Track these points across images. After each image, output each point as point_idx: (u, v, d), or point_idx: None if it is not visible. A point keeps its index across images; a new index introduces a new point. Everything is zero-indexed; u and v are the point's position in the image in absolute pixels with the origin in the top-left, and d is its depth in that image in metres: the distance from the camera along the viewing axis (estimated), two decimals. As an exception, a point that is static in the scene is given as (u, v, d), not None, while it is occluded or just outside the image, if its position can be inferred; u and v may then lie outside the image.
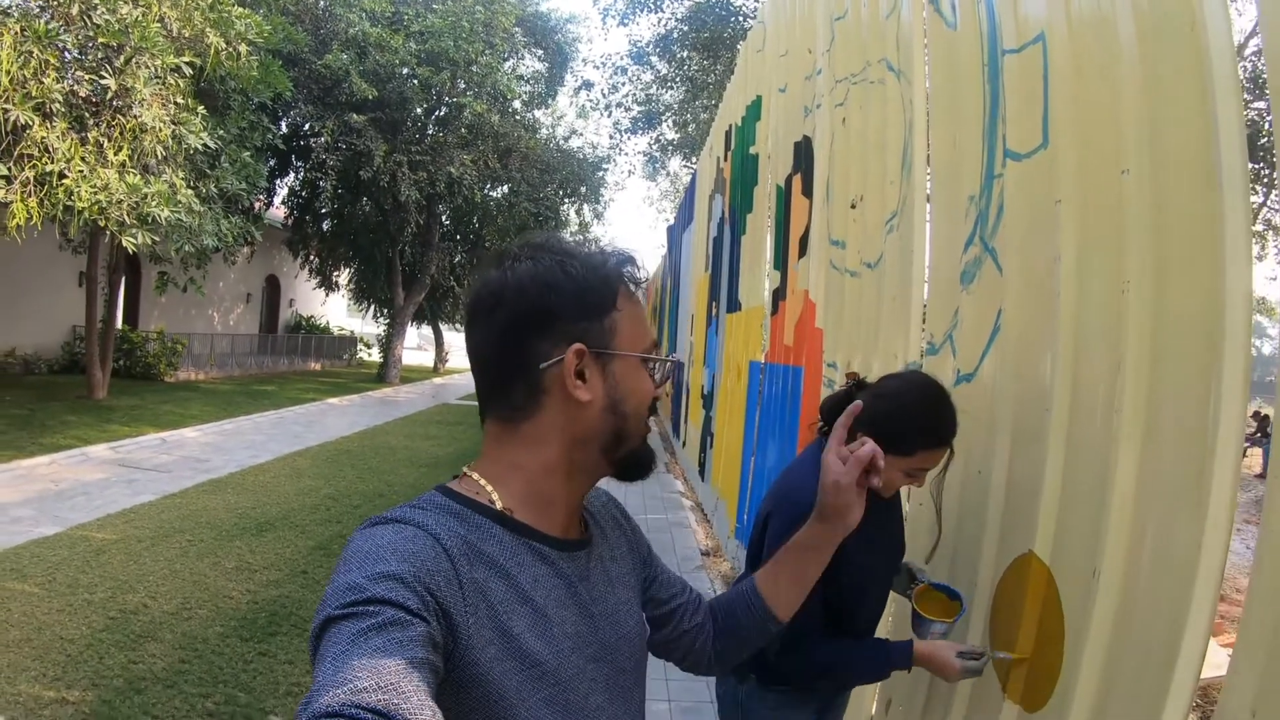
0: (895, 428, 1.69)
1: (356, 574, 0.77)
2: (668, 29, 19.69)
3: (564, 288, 0.95)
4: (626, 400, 0.97)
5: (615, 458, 0.99)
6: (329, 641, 0.71)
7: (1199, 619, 1.27)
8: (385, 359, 23.83)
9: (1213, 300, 1.34)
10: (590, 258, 0.99)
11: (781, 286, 4.84)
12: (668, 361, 1.03)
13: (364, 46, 17.55)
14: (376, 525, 0.87)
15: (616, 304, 0.98)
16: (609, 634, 1.00)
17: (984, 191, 2.17)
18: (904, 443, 1.70)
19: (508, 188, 22.63)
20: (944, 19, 2.49)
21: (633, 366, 0.99)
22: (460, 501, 0.93)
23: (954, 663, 1.70)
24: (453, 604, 0.81)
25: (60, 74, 8.37)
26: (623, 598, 1.06)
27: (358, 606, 0.73)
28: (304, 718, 0.63)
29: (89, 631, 4.37)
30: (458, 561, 0.84)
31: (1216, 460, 1.29)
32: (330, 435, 12.53)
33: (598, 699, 0.95)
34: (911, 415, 1.72)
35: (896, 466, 1.72)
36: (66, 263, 16.62)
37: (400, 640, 0.71)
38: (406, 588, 0.77)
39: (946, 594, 1.88)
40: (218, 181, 11.61)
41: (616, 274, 1.00)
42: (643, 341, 1.00)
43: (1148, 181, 1.52)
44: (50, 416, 11.40)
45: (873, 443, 1.14)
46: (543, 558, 0.94)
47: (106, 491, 7.79)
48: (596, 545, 1.06)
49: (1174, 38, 1.46)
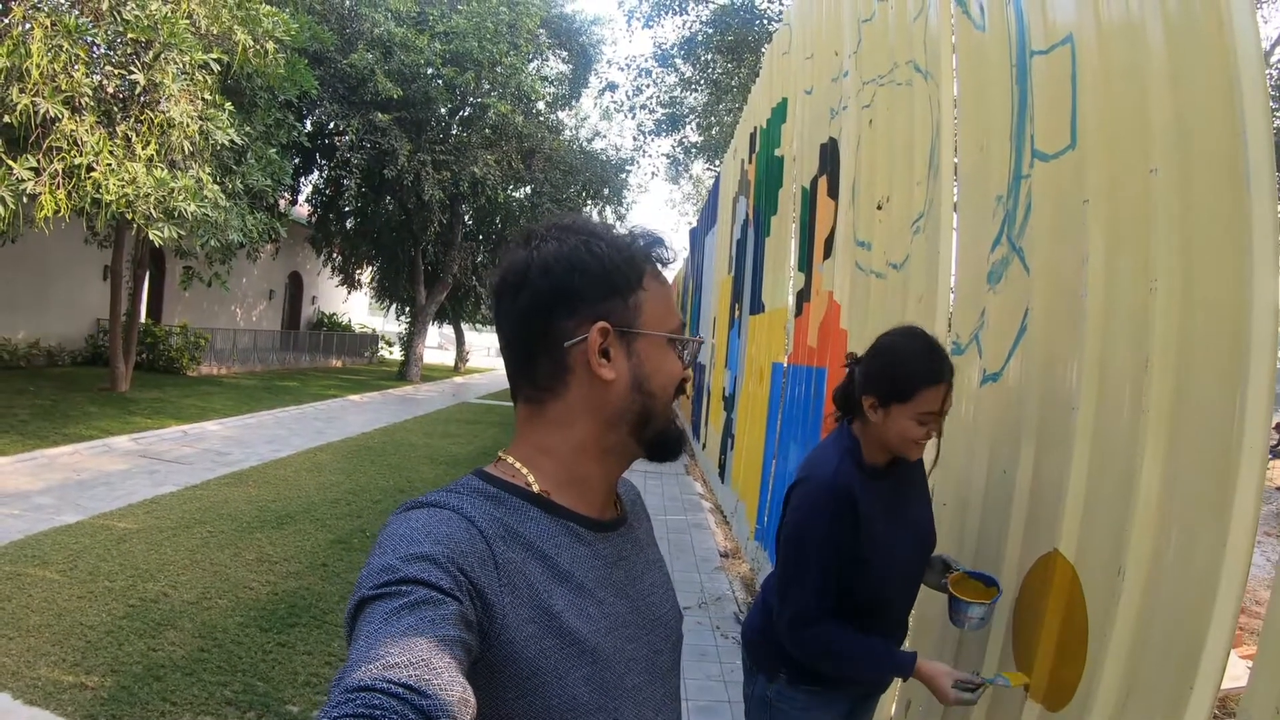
0: (892, 376, 1.80)
1: (391, 556, 0.79)
2: (692, 31, 19.66)
3: (589, 267, 0.95)
4: (652, 379, 0.97)
5: (644, 438, 0.98)
6: (363, 621, 0.72)
7: (1224, 613, 1.27)
8: (406, 357, 23.93)
9: (1240, 300, 1.33)
10: (617, 239, 0.99)
11: (806, 288, 4.84)
12: (695, 341, 1.02)
13: (389, 46, 17.65)
14: (412, 509, 0.88)
15: (643, 283, 0.98)
16: (646, 615, 1.00)
17: (1011, 191, 2.17)
18: (904, 387, 1.78)
19: (531, 189, 22.70)
20: (972, 21, 2.49)
21: (658, 346, 0.98)
22: (496, 485, 0.94)
23: (949, 692, 1.72)
24: (487, 584, 0.82)
25: (90, 68, 8.48)
26: (657, 579, 1.07)
27: (391, 586, 0.74)
28: (337, 692, 0.63)
29: (109, 618, 4.41)
30: (493, 543, 0.85)
31: (1243, 457, 1.29)
32: (351, 431, 12.61)
33: (635, 679, 0.94)
34: (903, 359, 1.82)
35: (905, 415, 1.79)
36: (92, 256, 16.80)
37: (432, 619, 0.71)
38: (439, 568, 0.78)
39: (983, 581, 1.88)
40: (243, 178, 11.72)
41: (644, 254, 1.00)
42: (669, 322, 1.00)
43: (1176, 181, 1.52)
44: (73, 407, 11.53)
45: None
46: (580, 539, 0.95)
47: (128, 482, 7.88)
48: (633, 527, 1.06)
49: (1202, 39, 1.46)
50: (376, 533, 5.00)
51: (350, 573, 5.57)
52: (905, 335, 1.88)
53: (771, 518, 5.12)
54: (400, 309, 27.84)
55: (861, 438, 1.90)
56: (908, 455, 1.86)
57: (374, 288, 28.11)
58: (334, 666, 4.06)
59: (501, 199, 21.91)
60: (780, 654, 2.00)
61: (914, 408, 1.78)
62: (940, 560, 2.04)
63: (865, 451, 1.89)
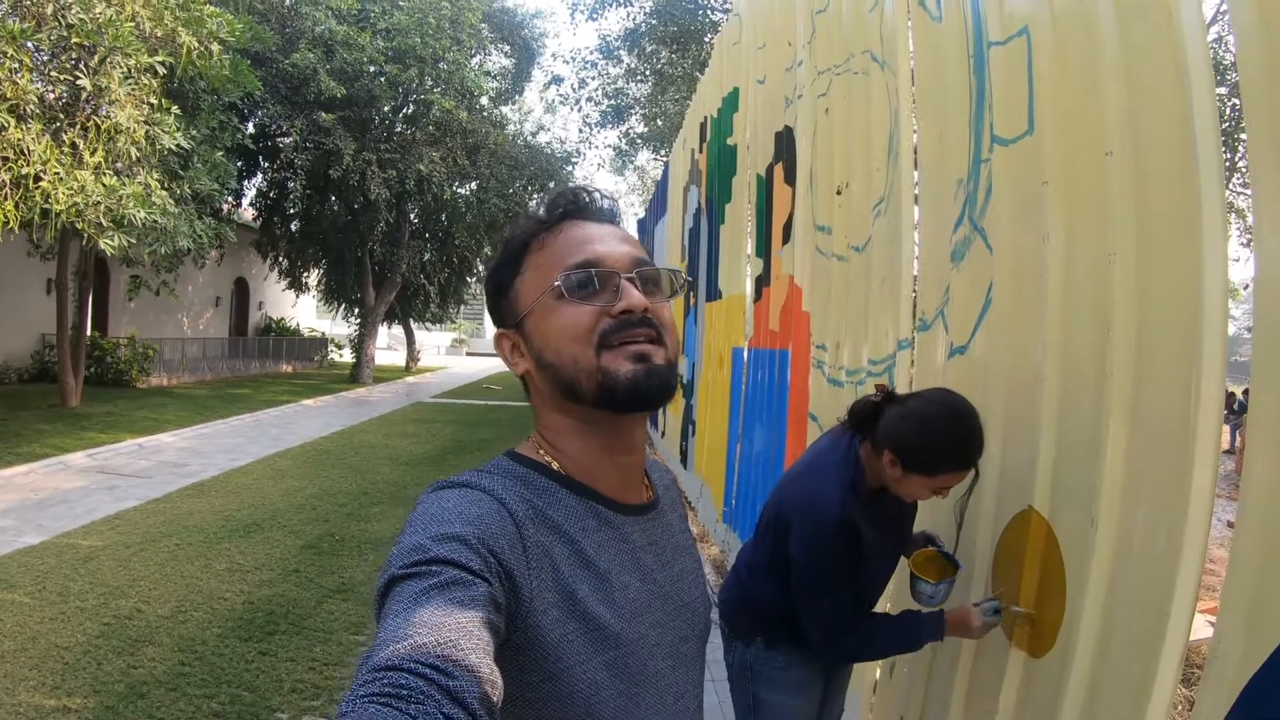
0: (921, 449, 1.79)
1: (421, 535, 0.79)
2: (636, 23, 19.70)
3: (490, 278, 1.02)
4: (544, 349, 0.95)
5: (592, 400, 0.92)
6: (392, 600, 0.72)
7: (1191, 557, 1.38)
8: (358, 359, 23.66)
9: (1193, 272, 1.45)
10: (508, 239, 1.02)
11: (765, 273, 4.94)
12: (581, 267, 0.93)
13: (331, 45, 17.42)
14: (443, 489, 0.89)
15: (522, 267, 0.98)
16: (674, 600, 1.00)
17: (972, 175, 2.28)
18: (930, 465, 1.79)
19: (476, 184, 22.53)
20: (929, 12, 2.60)
21: (545, 311, 0.95)
22: (526, 465, 0.96)
23: (974, 615, 1.84)
24: (516, 566, 0.82)
25: (34, 75, 8.27)
26: (687, 566, 1.07)
27: (421, 566, 0.74)
28: (364, 670, 0.63)
29: (85, 639, 4.35)
30: (523, 525, 0.86)
31: (1200, 417, 1.40)
32: (308, 436, 12.49)
33: (659, 664, 0.94)
34: (937, 439, 1.78)
35: (921, 484, 1.82)
36: (34, 269, 16.37)
37: (462, 599, 0.71)
38: (469, 549, 0.78)
39: (951, 563, 2.00)
40: (190, 182, 11.50)
41: (528, 231, 1.00)
42: (554, 272, 0.94)
43: (1130, 163, 1.63)
44: (24, 426, 11.25)
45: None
46: (607, 522, 0.95)
47: (88, 499, 7.74)
48: (664, 512, 1.07)
49: (1151, 28, 1.57)
50: (345, 537, 5.01)
51: (323, 577, 5.56)
52: (948, 413, 1.81)
53: (739, 501, 5.22)
54: (349, 311, 27.49)
55: (866, 466, 1.93)
56: (905, 499, 1.94)
57: (321, 290, 27.70)
58: (318, 672, 4.07)
59: (447, 196, 21.73)
60: (755, 619, 2.12)
61: (934, 483, 1.81)
62: (923, 536, 2.15)
63: (868, 478, 1.93)
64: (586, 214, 1.01)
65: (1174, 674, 1.43)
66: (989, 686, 2.02)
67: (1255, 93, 1.29)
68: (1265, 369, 1.28)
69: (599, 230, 0.99)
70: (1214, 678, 1.31)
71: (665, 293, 1.00)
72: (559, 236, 0.97)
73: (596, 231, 0.98)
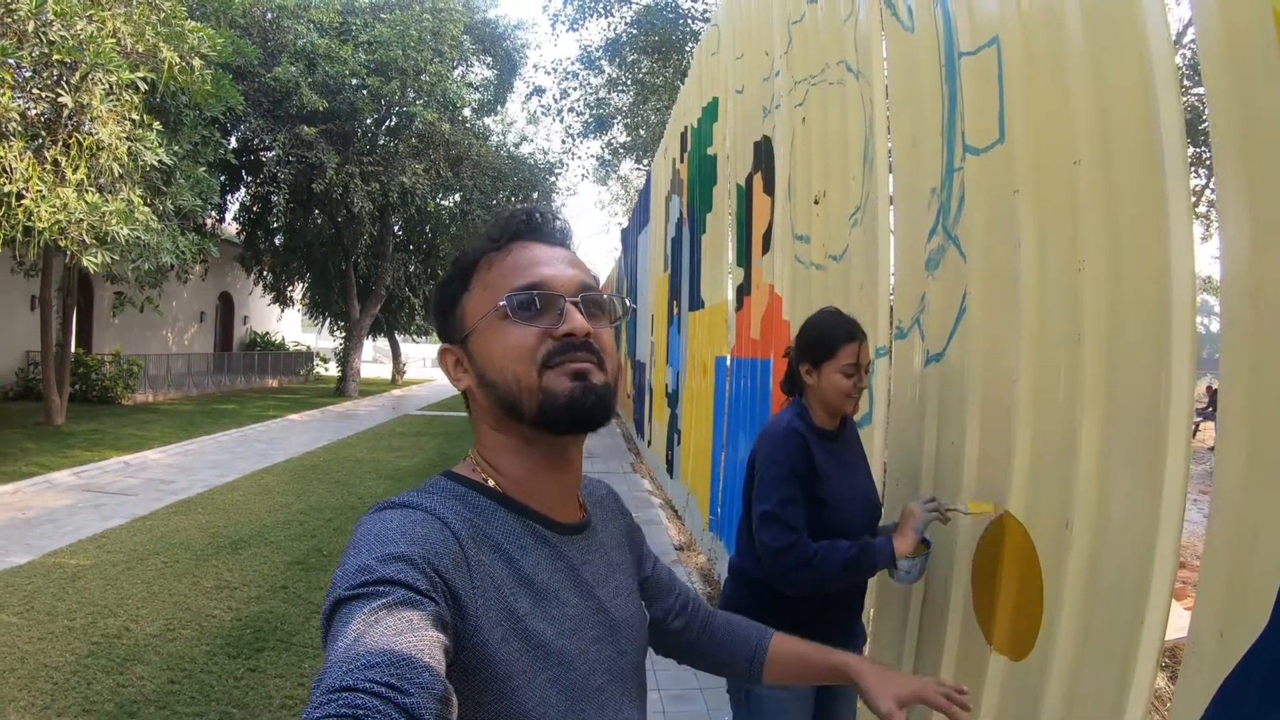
0: (815, 340, 2.18)
1: (366, 556, 0.78)
2: (617, 33, 19.77)
3: (437, 294, 1.05)
4: (487, 368, 0.96)
5: (532, 420, 0.94)
6: (340, 621, 0.71)
7: (1165, 554, 1.41)
8: (344, 373, 23.60)
9: (1161, 276, 1.48)
10: (460, 255, 1.05)
11: (746, 282, 4.97)
12: (529, 288, 0.95)
13: (313, 58, 17.40)
14: (385, 510, 0.89)
15: (469, 285, 1.00)
16: (610, 617, 1.01)
17: (945, 184, 2.32)
18: (826, 347, 2.15)
19: (460, 196, 22.51)
20: (901, 23, 2.63)
21: (490, 330, 0.96)
22: (464, 484, 0.97)
23: (920, 514, 2.05)
24: (461, 586, 0.82)
25: (15, 92, 8.23)
26: (623, 583, 1.08)
27: (368, 587, 0.74)
28: (319, 693, 0.63)
29: (73, 658, 4.31)
30: (465, 544, 0.86)
31: (1171, 416, 1.43)
32: (295, 451, 12.43)
33: (599, 679, 0.96)
34: (822, 327, 2.19)
35: (833, 370, 2.14)
36: (18, 286, 16.27)
37: (412, 619, 0.71)
38: (415, 569, 0.77)
39: (923, 541, 2.06)
40: (173, 198, 11.44)
41: (478, 250, 1.02)
42: (500, 292, 0.96)
43: (1098, 171, 1.67)
44: (9, 444, 11.16)
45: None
46: (544, 540, 0.96)
47: (75, 517, 7.68)
48: (597, 531, 1.08)
49: (1118, 40, 1.61)
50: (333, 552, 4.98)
51: (311, 593, 5.53)
52: (821, 312, 2.28)
53: (725, 508, 5.24)
54: (334, 324, 27.42)
55: (808, 404, 2.22)
56: (845, 409, 2.19)
57: (306, 304, 27.63)
58: (307, 688, 4.04)
59: (431, 208, 21.73)
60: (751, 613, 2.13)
61: (838, 362, 2.13)
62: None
63: (813, 416, 2.20)
64: (538, 235, 1.03)
65: (1152, 671, 1.45)
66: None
67: (1218, 94, 1.33)
68: (1234, 366, 1.30)
69: (548, 253, 1.00)
70: (1191, 674, 1.33)
71: (609, 318, 1.02)
72: (508, 257, 0.99)
73: (545, 254, 1.00)
